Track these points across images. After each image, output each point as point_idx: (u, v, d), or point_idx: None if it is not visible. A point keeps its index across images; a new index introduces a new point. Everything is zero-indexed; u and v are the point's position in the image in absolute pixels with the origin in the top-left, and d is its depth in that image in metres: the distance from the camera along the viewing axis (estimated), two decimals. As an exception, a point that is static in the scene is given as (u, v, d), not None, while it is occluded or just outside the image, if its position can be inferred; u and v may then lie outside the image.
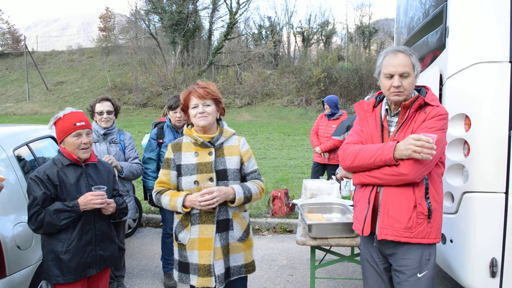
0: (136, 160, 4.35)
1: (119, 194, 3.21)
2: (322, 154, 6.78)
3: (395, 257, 2.62)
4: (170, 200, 2.81)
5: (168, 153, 2.93)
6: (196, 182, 2.79)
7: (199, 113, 2.79)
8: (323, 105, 7.14)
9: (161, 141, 4.55)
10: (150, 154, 4.53)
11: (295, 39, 35.73)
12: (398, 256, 2.60)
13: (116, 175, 4.06)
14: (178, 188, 2.90)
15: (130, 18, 37.87)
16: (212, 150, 2.84)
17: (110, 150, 4.19)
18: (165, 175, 2.91)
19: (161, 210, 4.80)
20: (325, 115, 7.15)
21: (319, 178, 5.52)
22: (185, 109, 2.91)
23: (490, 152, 3.01)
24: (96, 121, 4.26)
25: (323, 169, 7.04)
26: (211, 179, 2.78)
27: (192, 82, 28.94)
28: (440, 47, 3.50)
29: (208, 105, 2.84)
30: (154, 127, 4.89)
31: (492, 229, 3.04)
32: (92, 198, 2.80)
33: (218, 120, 2.98)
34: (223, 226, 2.81)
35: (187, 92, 2.87)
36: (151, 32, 33.38)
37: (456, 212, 3.25)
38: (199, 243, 2.78)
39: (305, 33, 34.58)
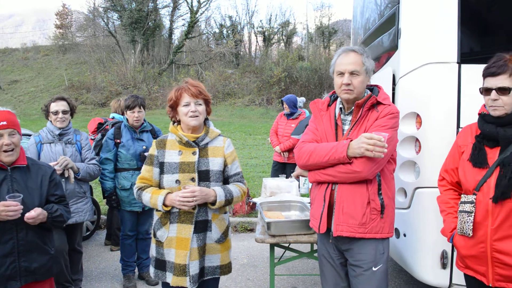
0: (93, 161, 4.26)
1: (59, 200, 2.96)
2: (281, 153, 6.86)
3: (350, 252, 2.69)
4: (151, 198, 2.80)
5: (152, 150, 2.92)
6: (177, 181, 2.79)
7: (191, 111, 2.79)
8: (282, 104, 7.23)
9: (118, 141, 4.47)
10: (107, 154, 4.45)
11: (256, 38, 35.79)
12: (354, 251, 2.67)
13: (72, 177, 3.98)
14: (160, 186, 2.89)
15: (88, 15, 36.85)
16: (196, 150, 2.84)
17: (66, 151, 4.10)
18: (148, 171, 2.90)
19: (118, 211, 4.72)
20: (284, 114, 7.24)
21: (278, 176, 5.58)
22: (174, 106, 2.89)
23: (440, 149, 3.13)
24: (51, 121, 4.15)
25: (283, 168, 7.11)
26: (192, 179, 2.78)
27: (153, 81, 28.56)
28: (393, 48, 3.61)
29: (200, 104, 2.85)
30: (99, 128, 4.84)
31: (442, 222, 3.16)
32: (3, 209, 2.53)
33: (205, 120, 2.99)
34: (202, 227, 2.82)
35: (179, 89, 2.86)
36: (110, 30, 32.57)
37: (408, 207, 3.37)
38: (176, 242, 2.78)
39: (266, 33, 34.68)
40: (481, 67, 3.06)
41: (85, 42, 35.03)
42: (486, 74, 2.42)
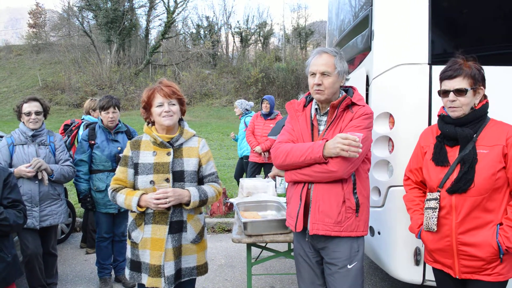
0: (68, 163, 4.20)
1: (13, 204, 2.85)
2: (262, 153, 6.90)
3: (326, 250, 2.72)
4: (125, 199, 2.79)
5: (127, 151, 2.91)
6: (152, 182, 2.78)
7: (165, 111, 2.79)
8: (262, 103, 7.26)
9: (92, 142, 4.42)
10: (81, 156, 4.40)
11: (233, 39, 35.83)
12: (329, 250, 2.70)
13: (46, 179, 3.92)
14: (134, 187, 2.88)
15: (63, 14, 36.22)
16: (171, 150, 2.84)
17: (39, 153, 4.03)
18: (122, 172, 2.88)
19: (94, 214, 4.67)
20: (260, 115, 7.27)
21: (256, 177, 5.61)
22: (147, 107, 2.88)
23: (412, 148, 3.18)
24: (23, 122, 4.08)
25: (259, 169, 7.16)
26: (167, 180, 2.78)
27: (129, 81, 28.25)
28: (367, 49, 3.67)
29: (173, 104, 2.85)
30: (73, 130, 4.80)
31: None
32: None
33: (180, 121, 2.98)
34: (177, 228, 2.81)
35: (151, 90, 2.85)
36: (85, 29, 32.10)
37: (383, 205, 3.43)
38: (151, 243, 2.78)
39: (243, 34, 34.75)
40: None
41: (60, 41, 34.43)
42: (443, 78, 2.55)
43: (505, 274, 2.44)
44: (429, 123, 3.19)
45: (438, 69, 3.15)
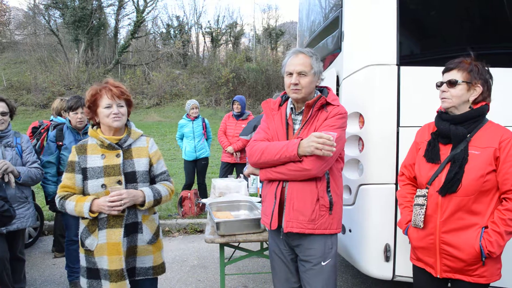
0: (35, 164, 4.09)
1: None
2: (234, 153, 6.90)
3: (300, 248, 2.76)
4: (75, 206, 2.69)
5: (72, 156, 2.80)
6: (103, 185, 2.72)
7: (114, 113, 2.73)
8: (233, 104, 7.28)
9: (60, 143, 4.34)
10: (49, 157, 4.30)
11: (204, 39, 35.67)
12: (304, 247, 2.74)
13: (13, 181, 3.81)
14: (84, 192, 2.79)
15: (28, 12, 35.25)
16: (120, 152, 2.78)
17: (5, 154, 3.92)
18: (69, 179, 2.78)
19: (63, 216, 4.57)
20: (232, 115, 7.28)
21: (227, 177, 5.62)
22: (93, 108, 2.80)
23: (381, 147, 3.27)
24: None
25: (231, 169, 7.17)
26: (119, 182, 2.72)
27: (98, 81, 27.85)
28: (337, 50, 3.72)
29: (122, 105, 2.79)
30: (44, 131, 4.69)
31: (384, 217, 3.30)
32: None
33: (126, 121, 2.93)
34: (132, 229, 2.78)
35: (97, 90, 2.77)
36: (52, 28, 31.33)
37: (353, 203, 3.49)
38: (107, 248, 2.70)
39: (213, 34, 34.63)
40: (418, 69, 3.25)
41: (25, 40, 33.46)
42: (443, 71, 2.58)
43: (487, 277, 2.43)
44: (398, 123, 3.26)
45: (406, 70, 3.26)
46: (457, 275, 2.49)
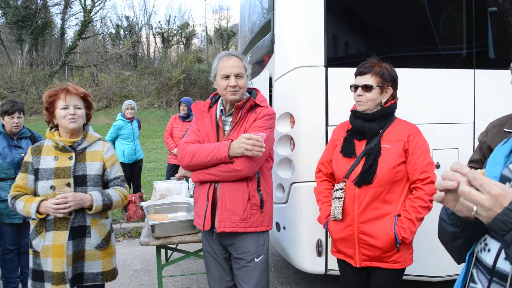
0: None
1: None
2: (181, 155, 6.89)
3: (234, 246, 2.82)
4: (24, 206, 2.71)
5: (27, 157, 2.83)
6: (52, 187, 2.72)
7: (70, 114, 2.73)
8: (179, 106, 7.27)
9: (-8, 149, 4.19)
10: (-20, 164, 4.15)
11: (155, 40, 35.24)
12: (237, 245, 2.80)
13: None
14: (35, 193, 2.79)
15: (-34, 12, 33.61)
16: (73, 154, 2.79)
17: None
18: (22, 179, 2.80)
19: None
20: (179, 117, 7.27)
21: (169, 179, 5.60)
22: (51, 109, 2.81)
23: (311, 146, 3.38)
24: None
25: (177, 171, 7.14)
26: (68, 185, 2.72)
27: (43, 84, 26.80)
28: (270, 52, 3.81)
29: (79, 107, 2.80)
30: None
31: (316, 213, 3.40)
32: None
33: (84, 125, 2.93)
34: (79, 233, 2.76)
35: (55, 91, 2.78)
36: (-8, 28, 30.05)
37: (286, 201, 3.58)
38: (52, 250, 2.69)
39: (164, 34, 34.27)
40: (345, 70, 3.38)
41: (-37, 41, 31.85)
42: (356, 74, 2.74)
43: (402, 262, 2.63)
44: (326, 122, 3.38)
45: (333, 71, 3.39)
46: (374, 263, 2.65)
